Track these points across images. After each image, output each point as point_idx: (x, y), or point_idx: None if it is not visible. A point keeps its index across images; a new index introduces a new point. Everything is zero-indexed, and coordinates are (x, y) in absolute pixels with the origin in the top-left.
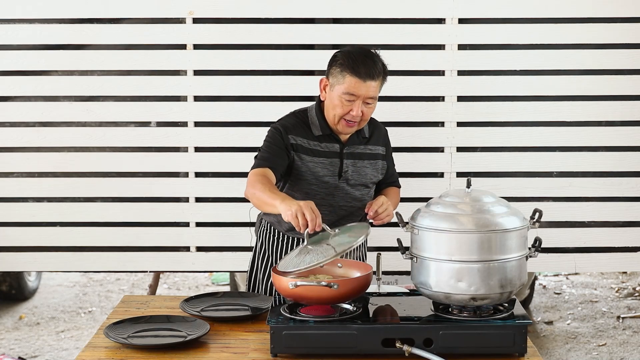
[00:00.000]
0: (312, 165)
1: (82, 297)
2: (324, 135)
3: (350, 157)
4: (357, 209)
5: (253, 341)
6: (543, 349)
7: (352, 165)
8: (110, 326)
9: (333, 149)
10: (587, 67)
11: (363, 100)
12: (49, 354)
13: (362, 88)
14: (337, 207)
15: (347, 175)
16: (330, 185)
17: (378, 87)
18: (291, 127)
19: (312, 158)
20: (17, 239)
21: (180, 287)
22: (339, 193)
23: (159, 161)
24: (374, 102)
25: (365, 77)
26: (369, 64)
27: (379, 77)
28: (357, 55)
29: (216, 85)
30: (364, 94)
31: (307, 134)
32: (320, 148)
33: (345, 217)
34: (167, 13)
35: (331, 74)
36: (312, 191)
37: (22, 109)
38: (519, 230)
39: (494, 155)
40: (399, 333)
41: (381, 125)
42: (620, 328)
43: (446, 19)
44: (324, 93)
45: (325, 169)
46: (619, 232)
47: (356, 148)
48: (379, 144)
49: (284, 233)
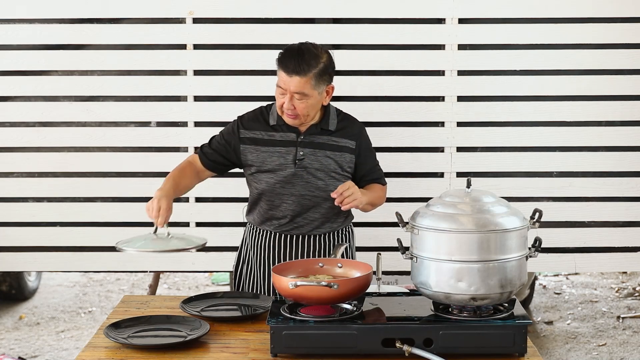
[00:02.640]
0: (268, 155)
1: (82, 297)
2: (279, 125)
3: (308, 146)
4: (323, 199)
5: (253, 341)
6: (543, 349)
7: (312, 154)
8: (110, 326)
9: (289, 138)
10: (587, 67)
11: (292, 95)
12: (49, 354)
13: (288, 82)
14: (300, 196)
15: (304, 163)
16: (288, 173)
17: (307, 84)
18: (247, 121)
19: (268, 148)
20: (17, 239)
21: (180, 287)
22: (299, 181)
23: (159, 161)
24: (304, 98)
25: (290, 72)
26: (297, 60)
27: (305, 74)
28: (291, 51)
29: (216, 85)
30: (291, 89)
31: (264, 126)
32: (277, 138)
33: (311, 209)
34: (167, 13)
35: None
36: (271, 180)
37: (22, 109)
38: (519, 230)
39: (494, 155)
40: (399, 333)
41: (357, 122)
42: (620, 328)
43: (446, 19)
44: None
45: (282, 158)
46: (619, 232)
47: (316, 138)
48: (348, 137)
49: (257, 226)
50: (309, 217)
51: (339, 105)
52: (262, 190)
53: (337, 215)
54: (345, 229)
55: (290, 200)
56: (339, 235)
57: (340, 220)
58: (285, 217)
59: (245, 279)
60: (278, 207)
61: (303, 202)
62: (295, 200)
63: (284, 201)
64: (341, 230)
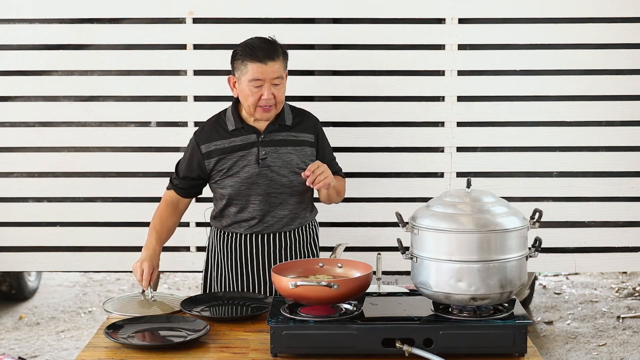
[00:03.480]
0: (232, 162)
1: (82, 297)
2: (238, 129)
3: (269, 145)
4: (289, 195)
5: (253, 341)
6: (543, 349)
7: (274, 152)
8: (110, 326)
9: (249, 140)
10: (587, 67)
11: (270, 82)
12: (49, 354)
13: (266, 70)
14: (266, 195)
15: (267, 162)
16: (252, 174)
17: (281, 67)
18: (205, 136)
19: (231, 154)
20: (17, 239)
21: (180, 287)
22: (263, 181)
23: (159, 161)
24: (282, 82)
25: (265, 60)
26: (265, 48)
27: (278, 58)
28: (253, 43)
29: (216, 85)
30: (269, 76)
31: (223, 134)
32: (238, 142)
33: (278, 206)
34: (167, 13)
35: (235, 68)
36: (235, 184)
37: (22, 109)
38: (519, 230)
39: (494, 155)
40: (399, 333)
41: (311, 115)
42: (620, 328)
43: (446, 19)
44: (235, 90)
45: (245, 160)
46: (619, 232)
47: (276, 135)
48: (306, 131)
49: (223, 229)
50: (278, 214)
51: (339, 105)
52: (229, 195)
53: (304, 209)
54: (312, 223)
55: (258, 201)
56: (307, 229)
57: (307, 214)
58: (254, 218)
59: (215, 282)
60: (246, 208)
61: (270, 200)
62: (262, 200)
63: (251, 202)
64: (309, 224)
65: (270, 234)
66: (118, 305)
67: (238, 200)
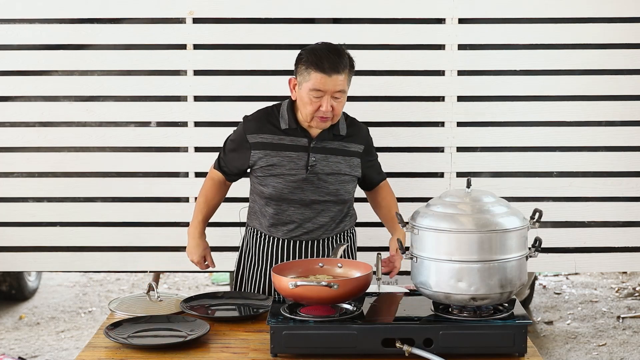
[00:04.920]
0: (278, 160)
1: (82, 297)
2: (291, 129)
3: (320, 152)
4: (333, 203)
5: (253, 341)
6: (543, 349)
7: (324, 160)
8: (110, 326)
9: (300, 143)
10: (587, 67)
11: (331, 95)
12: (49, 354)
13: (328, 83)
14: (309, 201)
15: (316, 169)
16: (298, 179)
17: (345, 81)
18: (255, 126)
19: (278, 152)
20: (17, 239)
21: (180, 287)
22: (309, 187)
23: (159, 161)
24: (342, 96)
25: (330, 72)
26: (332, 59)
27: (344, 71)
28: (321, 51)
29: (216, 85)
30: (330, 89)
31: (273, 130)
32: (287, 142)
33: (320, 213)
34: (167, 13)
35: (298, 72)
36: (279, 185)
37: (22, 109)
38: (519, 230)
39: (494, 155)
40: (399, 333)
41: (362, 125)
42: (620, 328)
43: (446, 19)
44: (294, 92)
45: (292, 162)
46: (619, 232)
47: (328, 143)
48: (357, 142)
49: (264, 232)
50: (319, 221)
51: None
52: (270, 195)
53: (345, 215)
54: (351, 230)
55: (299, 205)
56: (346, 236)
57: (347, 219)
58: (293, 223)
59: (247, 285)
60: (285, 211)
61: (312, 206)
62: (304, 205)
63: (292, 206)
64: (348, 230)
65: (309, 241)
66: (124, 305)
67: (279, 202)
